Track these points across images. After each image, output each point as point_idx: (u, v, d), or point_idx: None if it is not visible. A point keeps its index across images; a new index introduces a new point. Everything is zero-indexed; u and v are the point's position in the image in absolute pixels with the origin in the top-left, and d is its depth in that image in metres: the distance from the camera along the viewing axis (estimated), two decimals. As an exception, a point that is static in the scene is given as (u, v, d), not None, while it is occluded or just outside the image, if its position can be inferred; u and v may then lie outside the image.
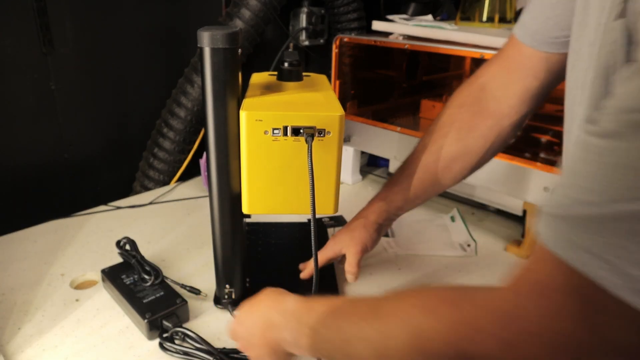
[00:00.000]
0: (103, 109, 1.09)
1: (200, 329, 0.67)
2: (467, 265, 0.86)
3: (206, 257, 0.85)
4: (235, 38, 0.56)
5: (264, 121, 0.56)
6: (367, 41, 1.08)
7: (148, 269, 0.73)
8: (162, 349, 0.63)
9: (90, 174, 1.10)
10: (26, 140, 0.98)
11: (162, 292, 0.70)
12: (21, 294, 0.74)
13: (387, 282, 0.80)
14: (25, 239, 0.90)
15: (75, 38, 0.99)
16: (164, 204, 1.06)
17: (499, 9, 1.17)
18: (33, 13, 0.91)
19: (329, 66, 1.15)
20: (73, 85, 1.02)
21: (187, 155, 1.16)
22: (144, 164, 1.16)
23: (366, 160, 1.32)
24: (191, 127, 1.12)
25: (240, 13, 1.09)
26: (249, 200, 0.61)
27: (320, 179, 0.58)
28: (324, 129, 0.57)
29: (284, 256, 0.84)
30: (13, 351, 0.63)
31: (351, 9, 1.28)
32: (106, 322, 0.69)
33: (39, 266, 0.82)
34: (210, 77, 0.57)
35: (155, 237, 0.92)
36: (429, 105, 1.21)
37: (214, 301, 0.72)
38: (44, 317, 0.70)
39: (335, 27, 1.33)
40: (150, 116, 1.16)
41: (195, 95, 1.09)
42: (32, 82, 0.95)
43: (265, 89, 0.64)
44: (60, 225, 0.95)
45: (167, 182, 1.16)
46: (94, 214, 1.00)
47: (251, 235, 0.90)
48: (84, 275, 0.80)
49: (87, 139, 1.08)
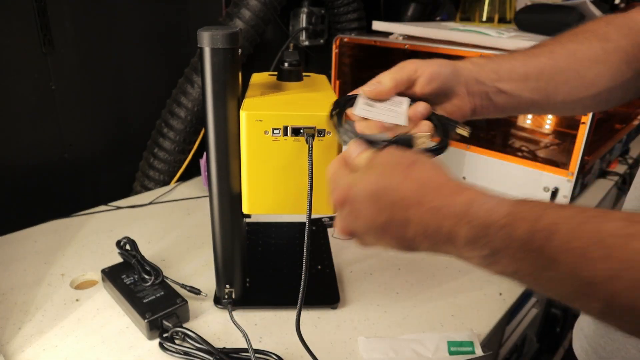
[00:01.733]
0: (103, 109, 1.09)
1: (200, 329, 0.67)
2: (467, 265, 0.86)
3: (206, 257, 0.85)
4: (235, 38, 0.56)
5: (264, 121, 0.56)
6: (367, 41, 1.08)
7: (148, 268, 0.73)
8: (162, 349, 0.63)
9: (90, 174, 1.10)
10: (26, 140, 0.98)
11: (162, 292, 0.70)
12: (21, 294, 0.74)
13: (387, 282, 0.80)
14: (25, 239, 0.90)
15: (75, 38, 0.99)
16: (164, 204, 1.06)
17: (498, 9, 1.18)
18: (33, 13, 0.91)
19: (329, 66, 1.15)
20: (73, 85, 1.02)
21: (187, 155, 1.16)
22: (144, 164, 1.16)
23: (366, 160, 1.31)
24: (191, 127, 1.12)
25: (240, 13, 1.09)
26: (249, 200, 0.61)
27: (320, 179, 0.58)
28: (324, 129, 0.57)
29: (284, 256, 0.84)
30: (13, 351, 0.63)
31: (351, 9, 1.28)
32: (106, 322, 0.69)
33: (39, 266, 0.82)
34: (210, 77, 0.57)
35: (155, 237, 0.92)
36: (429, 105, 1.21)
37: (214, 301, 0.72)
38: (44, 317, 0.70)
39: (335, 27, 1.33)
40: (150, 116, 1.16)
41: (195, 95, 1.09)
42: (32, 82, 0.95)
43: (266, 89, 0.65)
44: (60, 225, 0.95)
45: (167, 182, 1.16)
46: (94, 214, 1.00)
47: (251, 235, 0.90)
48: (84, 275, 0.80)
49: (87, 139, 1.08)
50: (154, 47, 1.13)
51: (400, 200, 0.35)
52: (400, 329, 0.70)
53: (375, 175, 0.37)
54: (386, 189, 0.36)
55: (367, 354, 0.64)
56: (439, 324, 0.71)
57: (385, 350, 0.65)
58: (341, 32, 1.30)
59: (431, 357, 0.64)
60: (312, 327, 0.69)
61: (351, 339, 0.67)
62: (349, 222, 0.40)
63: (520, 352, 1.13)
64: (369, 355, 0.64)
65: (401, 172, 0.37)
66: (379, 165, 0.38)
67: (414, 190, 0.35)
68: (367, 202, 0.37)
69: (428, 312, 0.73)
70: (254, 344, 0.64)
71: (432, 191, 0.35)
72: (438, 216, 0.34)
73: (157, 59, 1.15)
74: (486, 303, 0.76)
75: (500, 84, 0.52)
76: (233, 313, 0.69)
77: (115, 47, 1.07)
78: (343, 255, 0.87)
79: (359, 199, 0.37)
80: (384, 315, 0.72)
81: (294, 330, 0.55)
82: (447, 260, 0.88)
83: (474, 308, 0.75)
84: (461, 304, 0.75)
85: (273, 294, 0.74)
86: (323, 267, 0.81)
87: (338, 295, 0.75)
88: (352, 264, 0.85)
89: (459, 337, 0.67)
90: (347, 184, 0.39)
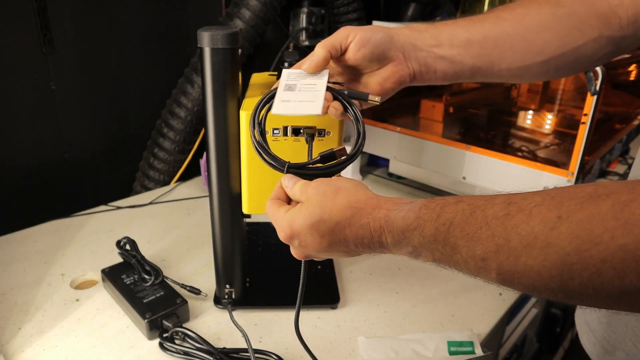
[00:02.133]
0: (103, 109, 1.09)
1: (200, 329, 0.67)
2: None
3: (206, 257, 0.85)
4: (235, 38, 0.56)
5: (264, 121, 0.56)
6: (367, 41, 1.08)
7: (148, 268, 0.73)
8: (162, 349, 0.63)
9: (90, 174, 1.10)
10: (26, 140, 0.98)
11: (162, 292, 0.70)
12: (21, 294, 0.74)
13: (387, 282, 0.80)
14: (25, 239, 0.90)
15: (75, 38, 0.99)
16: (164, 204, 1.06)
17: (498, 9, 1.17)
18: (33, 13, 0.92)
19: (329, 66, 1.15)
20: (73, 85, 1.02)
21: (187, 155, 1.16)
22: (144, 164, 1.16)
23: (366, 160, 1.32)
24: (191, 127, 1.12)
25: (241, 13, 1.09)
26: (249, 200, 0.61)
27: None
28: (324, 129, 0.57)
29: (284, 256, 0.84)
30: (13, 351, 0.63)
31: (351, 9, 1.28)
32: (106, 322, 0.69)
33: (39, 266, 0.82)
34: (210, 77, 0.57)
35: (155, 237, 0.92)
36: (429, 105, 1.21)
37: (214, 301, 0.72)
38: (44, 317, 0.70)
39: (335, 27, 1.33)
40: (150, 116, 1.16)
41: (195, 95, 1.09)
42: (32, 82, 0.95)
43: (266, 89, 0.64)
44: (60, 225, 0.95)
45: (168, 182, 1.16)
46: (94, 214, 1.00)
47: (251, 235, 0.90)
48: (84, 275, 0.80)
49: (87, 139, 1.08)
50: (154, 47, 1.13)
51: (335, 225, 0.42)
52: (400, 329, 0.70)
53: (310, 209, 0.43)
54: (322, 219, 0.43)
55: (367, 354, 0.64)
56: (439, 324, 0.71)
57: (385, 350, 0.65)
58: (341, 32, 1.30)
59: (431, 357, 0.64)
60: (312, 327, 0.69)
61: (351, 339, 0.67)
62: (302, 251, 0.47)
63: (520, 352, 1.13)
64: (369, 355, 0.64)
65: (330, 201, 0.43)
66: (311, 199, 0.44)
67: (342, 215, 0.42)
68: (309, 233, 0.44)
69: (428, 312, 0.73)
70: (254, 344, 0.65)
71: (358, 212, 0.42)
72: (367, 230, 0.41)
73: (157, 59, 1.15)
74: (486, 303, 0.76)
75: (440, 49, 0.52)
76: (233, 313, 0.69)
77: (115, 47, 1.07)
78: (343, 255, 0.87)
79: (302, 232, 0.44)
80: (384, 315, 0.72)
81: (294, 330, 0.55)
82: (447, 260, 0.87)
83: (474, 308, 0.75)
84: (461, 304, 0.75)
85: (273, 294, 0.74)
86: (323, 267, 0.81)
87: (338, 295, 0.75)
88: (352, 264, 0.85)
89: (459, 337, 0.67)
90: (287, 223, 0.45)
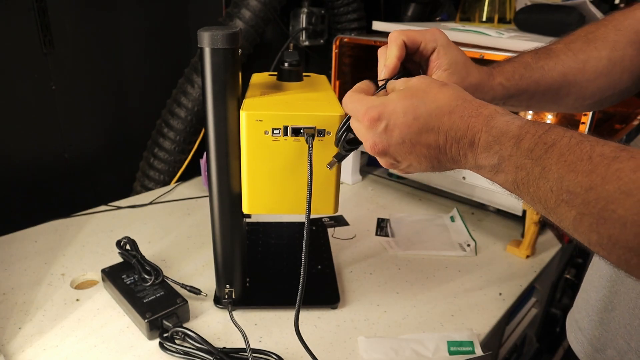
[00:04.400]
0: (103, 109, 1.09)
1: (200, 329, 0.67)
2: (467, 265, 0.86)
3: (206, 257, 0.85)
4: (235, 38, 0.56)
5: (264, 121, 0.56)
6: (367, 41, 1.08)
7: (148, 268, 0.73)
8: (163, 349, 0.63)
9: (90, 174, 1.11)
10: (26, 140, 0.98)
11: (163, 292, 0.70)
12: (22, 294, 0.74)
13: (387, 282, 0.80)
14: (25, 239, 0.90)
15: (75, 38, 0.99)
16: (164, 204, 1.06)
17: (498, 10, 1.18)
18: (33, 13, 0.92)
19: (329, 66, 1.15)
20: (73, 85, 1.02)
21: (187, 155, 1.16)
22: (144, 164, 1.16)
23: (366, 160, 1.32)
24: (191, 127, 1.12)
25: (241, 13, 1.09)
26: (249, 200, 0.61)
27: (320, 179, 0.58)
28: (324, 129, 0.57)
29: (284, 256, 0.84)
30: (14, 351, 0.63)
31: (351, 9, 1.28)
32: (106, 322, 0.69)
33: (39, 266, 0.82)
34: (210, 77, 0.57)
35: (155, 237, 0.92)
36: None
37: (214, 301, 0.72)
38: (44, 316, 0.70)
39: (335, 27, 1.33)
40: (150, 116, 1.16)
41: (195, 95, 1.09)
42: (32, 82, 0.95)
43: (265, 89, 0.65)
44: (60, 225, 0.96)
45: (168, 182, 1.16)
46: (94, 214, 1.00)
47: (251, 235, 0.90)
48: (85, 275, 0.80)
49: (87, 139, 1.08)
50: (154, 47, 1.13)
51: (435, 109, 0.40)
52: (400, 329, 0.70)
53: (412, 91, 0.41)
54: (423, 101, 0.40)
55: (367, 354, 0.64)
56: (439, 324, 0.71)
57: (385, 350, 0.65)
58: (341, 32, 1.30)
59: (431, 357, 0.64)
60: (312, 327, 0.69)
61: (351, 339, 0.67)
62: (382, 139, 0.42)
63: (520, 352, 1.13)
64: (369, 355, 0.64)
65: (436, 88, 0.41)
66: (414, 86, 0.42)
67: (448, 100, 0.40)
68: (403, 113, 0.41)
69: (428, 312, 0.73)
70: (254, 344, 0.65)
71: (465, 103, 0.40)
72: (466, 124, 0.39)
73: (157, 59, 1.15)
74: (486, 303, 0.76)
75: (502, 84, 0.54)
76: (233, 313, 0.69)
77: (115, 47, 1.07)
78: (343, 255, 0.87)
79: (397, 110, 0.41)
80: (384, 315, 0.72)
81: (294, 330, 0.55)
82: (447, 260, 0.88)
83: (474, 308, 0.75)
84: (461, 304, 0.75)
85: (273, 294, 0.74)
86: (323, 267, 0.81)
87: (338, 295, 0.75)
88: (352, 264, 0.85)
89: (459, 337, 0.67)
90: (381, 102, 0.42)
